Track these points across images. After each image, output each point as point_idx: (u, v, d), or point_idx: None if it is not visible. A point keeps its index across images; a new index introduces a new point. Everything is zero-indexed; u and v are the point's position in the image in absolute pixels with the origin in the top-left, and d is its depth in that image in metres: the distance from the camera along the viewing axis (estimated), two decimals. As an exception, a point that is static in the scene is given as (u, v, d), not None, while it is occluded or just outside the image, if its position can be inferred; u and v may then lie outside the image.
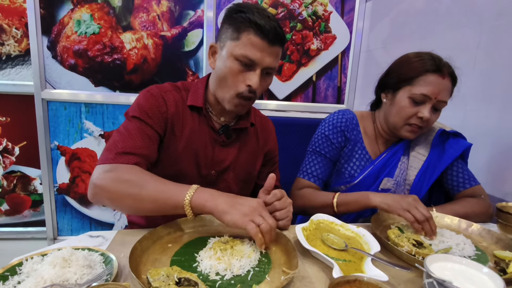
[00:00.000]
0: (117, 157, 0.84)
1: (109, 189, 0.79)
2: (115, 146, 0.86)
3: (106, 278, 0.60)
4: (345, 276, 0.61)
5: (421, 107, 1.05)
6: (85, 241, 0.78)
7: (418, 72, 1.05)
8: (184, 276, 0.60)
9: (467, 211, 1.05)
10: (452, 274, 0.63)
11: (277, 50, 0.91)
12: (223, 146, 1.03)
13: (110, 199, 0.80)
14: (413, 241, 0.82)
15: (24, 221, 2.15)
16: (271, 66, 0.91)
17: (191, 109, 1.00)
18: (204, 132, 1.00)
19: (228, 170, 1.05)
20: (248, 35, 0.86)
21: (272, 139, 1.18)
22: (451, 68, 1.05)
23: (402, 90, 1.08)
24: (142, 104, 0.94)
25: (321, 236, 0.83)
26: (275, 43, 0.88)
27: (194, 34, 1.97)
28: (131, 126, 0.91)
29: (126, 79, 1.96)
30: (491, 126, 1.35)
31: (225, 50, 0.91)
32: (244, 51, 0.87)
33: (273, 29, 0.86)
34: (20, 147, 2.04)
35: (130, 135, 0.89)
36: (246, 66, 0.89)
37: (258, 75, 0.89)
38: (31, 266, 0.61)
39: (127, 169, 0.82)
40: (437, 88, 1.03)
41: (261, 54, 0.87)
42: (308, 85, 2.19)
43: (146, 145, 0.90)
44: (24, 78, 1.93)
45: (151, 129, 0.92)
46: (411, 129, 1.09)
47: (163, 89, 0.99)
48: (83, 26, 1.86)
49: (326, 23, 2.09)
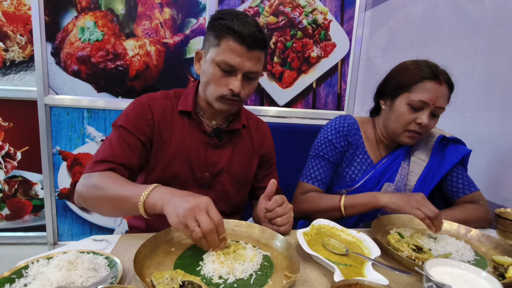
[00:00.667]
0: (94, 166, 0.91)
1: (82, 194, 0.87)
2: (96, 156, 0.93)
3: (111, 281, 0.61)
4: (346, 280, 0.62)
5: (419, 113, 1.07)
6: (89, 245, 0.79)
7: (416, 79, 1.07)
8: (187, 279, 0.61)
9: (466, 217, 1.06)
10: (451, 278, 0.64)
11: (257, 55, 0.92)
12: (216, 149, 1.05)
13: (84, 201, 0.88)
14: (413, 246, 0.83)
15: (24, 226, 2.15)
16: (252, 71, 0.93)
17: (181, 114, 1.03)
18: (195, 136, 1.03)
19: (223, 172, 1.06)
20: (227, 42, 0.89)
21: (268, 141, 1.19)
22: (447, 75, 1.08)
23: (401, 97, 1.10)
24: (129, 113, 0.99)
25: (322, 241, 0.84)
26: (254, 47, 0.90)
27: (196, 42, 2.00)
28: (114, 135, 0.97)
29: (128, 85, 1.98)
30: (490, 132, 1.37)
31: (208, 56, 0.94)
32: (224, 57, 0.89)
33: (251, 34, 0.88)
34: (22, 152, 2.05)
35: (110, 144, 0.95)
36: (227, 71, 0.92)
37: (239, 80, 0.92)
38: (37, 269, 0.62)
39: (98, 175, 0.88)
40: (435, 95, 1.05)
41: (240, 59, 0.90)
42: (308, 92, 2.21)
43: (124, 153, 0.94)
44: (28, 84, 1.95)
45: (133, 137, 0.96)
46: (410, 135, 1.11)
47: (152, 97, 1.03)
48: (87, 33, 1.88)
49: (326, 31, 2.12)
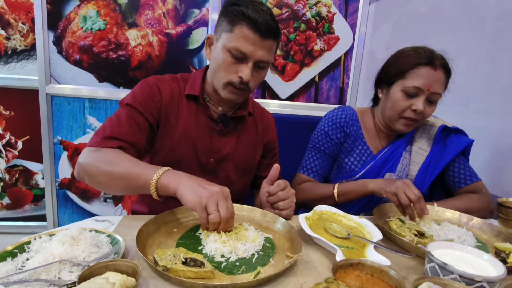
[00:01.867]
0: (103, 141, 0.88)
1: (90, 167, 0.84)
2: (103, 131, 0.90)
3: (113, 257, 0.61)
4: (349, 259, 0.62)
5: (414, 100, 1.07)
6: (91, 225, 0.79)
7: (410, 65, 1.07)
8: (190, 256, 0.61)
9: (468, 206, 1.06)
10: (453, 260, 0.64)
11: (270, 44, 0.91)
12: (221, 135, 1.05)
13: (89, 176, 0.84)
14: (415, 231, 0.83)
15: (25, 215, 2.15)
16: (263, 60, 0.92)
17: (188, 98, 1.02)
18: (202, 121, 1.02)
19: (227, 159, 1.06)
20: (241, 28, 0.88)
21: (272, 130, 1.19)
22: (443, 60, 1.07)
23: (396, 84, 1.10)
24: (137, 93, 0.97)
25: (324, 225, 0.84)
26: (268, 36, 0.89)
27: (199, 33, 1.99)
28: (122, 113, 0.95)
29: (130, 76, 1.98)
30: (493, 125, 1.37)
31: (219, 42, 0.93)
32: (236, 43, 0.88)
33: (266, 22, 0.87)
34: (23, 141, 2.05)
35: (119, 121, 0.93)
36: (238, 59, 0.91)
37: (250, 68, 0.91)
38: (39, 244, 0.62)
39: (109, 151, 0.86)
40: (429, 80, 1.04)
41: (253, 47, 0.89)
42: (310, 86, 2.21)
43: (133, 132, 0.93)
44: (29, 73, 1.95)
45: (142, 117, 0.95)
46: (405, 122, 1.10)
47: (161, 79, 1.02)
48: (89, 22, 1.88)
49: (329, 24, 2.12)
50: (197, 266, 0.59)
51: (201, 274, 0.58)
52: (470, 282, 0.55)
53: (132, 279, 0.52)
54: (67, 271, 0.55)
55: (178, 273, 0.57)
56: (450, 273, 0.57)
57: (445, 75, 1.06)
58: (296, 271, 0.65)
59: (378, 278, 0.59)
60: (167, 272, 0.57)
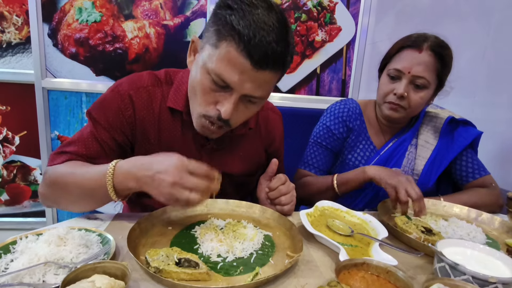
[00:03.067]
0: (53, 159, 0.78)
1: (44, 193, 0.76)
2: (58, 147, 0.80)
3: (103, 258, 0.58)
4: (353, 259, 0.58)
5: (396, 84, 1.04)
6: (82, 223, 0.76)
7: (396, 49, 1.05)
8: (184, 257, 0.58)
9: (476, 201, 1.02)
10: (464, 259, 0.60)
11: (267, 77, 0.67)
12: (212, 153, 0.88)
13: (48, 200, 0.76)
14: (421, 228, 0.79)
15: (23, 211, 2.13)
16: (254, 95, 0.69)
17: (172, 110, 0.83)
18: (189, 138, 0.85)
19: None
20: (227, 47, 0.64)
21: (278, 135, 1.03)
22: (435, 44, 1.01)
23: (385, 69, 1.09)
24: (105, 105, 0.80)
25: (326, 222, 0.80)
26: (264, 66, 0.65)
27: (197, 24, 1.94)
28: (87, 128, 0.80)
29: (127, 69, 1.93)
30: (500, 116, 1.32)
31: (202, 55, 0.71)
32: (219, 67, 0.66)
33: (263, 46, 0.62)
34: (20, 136, 2.02)
35: (79, 138, 0.79)
36: (220, 86, 0.69)
37: (233, 102, 0.68)
38: (25, 244, 0.58)
39: (55, 168, 0.75)
40: (410, 63, 1.00)
41: (239, 78, 0.65)
42: (312, 78, 2.16)
43: (91, 154, 0.78)
44: (25, 67, 1.91)
45: (108, 136, 0.79)
46: (390, 106, 1.06)
47: (137, 85, 0.82)
48: (85, 14, 1.83)
49: (331, 14, 2.06)
50: (191, 267, 0.56)
51: (195, 276, 0.55)
52: (483, 284, 0.52)
53: (121, 282, 0.48)
54: (52, 274, 0.52)
55: (171, 274, 0.54)
56: (462, 274, 0.53)
57: (434, 59, 1.00)
58: (297, 272, 0.61)
59: (385, 280, 0.55)
60: (159, 273, 0.54)
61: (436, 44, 1.01)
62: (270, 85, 0.71)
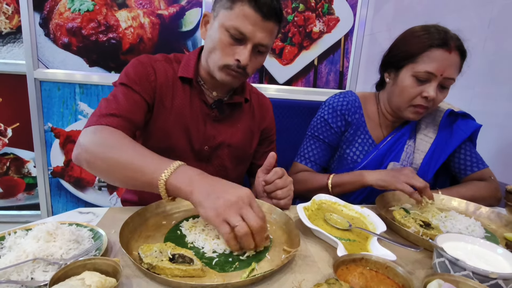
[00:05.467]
0: (100, 119, 0.80)
1: (89, 151, 0.73)
2: (99, 110, 0.83)
3: (94, 254, 0.56)
4: (351, 255, 0.57)
5: (425, 86, 0.98)
6: (74, 217, 0.74)
7: (422, 47, 0.96)
8: (178, 252, 0.56)
9: (474, 194, 1.01)
10: (465, 254, 0.59)
11: (271, 27, 0.86)
12: (216, 122, 0.99)
13: (88, 161, 0.73)
14: (420, 221, 0.78)
15: (18, 204, 2.11)
16: (263, 43, 0.86)
17: (182, 81, 0.96)
18: (196, 106, 0.96)
19: (222, 146, 1.00)
20: (241, 6, 0.82)
21: (269, 116, 1.14)
22: (459, 41, 0.97)
23: (405, 68, 1.00)
24: (130, 72, 0.91)
25: (324, 216, 0.79)
26: (270, 18, 0.84)
27: (192, 14, 1.90)
28: (117, 91, 0.88)
29: (121, 59, 1.90)
30: (500, 109, 1.31)
31: (217, 19, 0.87)
32: (236, 23, 0.83)
33: (268, 2, 0.82)
34: (12, 128, 1.98)
35: (115, 99, 0.86)
36: (237, 40, 0.85)
37: (249, 51, 0.85)
38: (13, 240, 0.57)
39: (111, 133, 0.77)
40: (443, 64, 0.95)
41: (253, 28, 0.83)
42: (309, 69, 2.13)
43: (131, 108, 0.85)
44: (16, 57, 1.87)
45: (138, 95, 0.89)
46: (415, 110, 1.01)
47: (154, 58, 0.96)
48: (77, 3, 1.78)
49: (329, 5, 2.02)
50: (185, 263, 0.54)
51: (189, 272, 0.53)
52: (484, 279, 0.51)
53: (112, 280, 0.46)
54: (41, 271, 0.50)
55: (164, 271, 0.52)
56: (462, 269, 0.52)
57: (460, 57, 0.96)
58: (294, 267, 0.60)
59: (383, 275, 0.54)
60: (152, 270, 0.52)
61: (460, 41, 0.97)
62: (273, 36, 0.89)
